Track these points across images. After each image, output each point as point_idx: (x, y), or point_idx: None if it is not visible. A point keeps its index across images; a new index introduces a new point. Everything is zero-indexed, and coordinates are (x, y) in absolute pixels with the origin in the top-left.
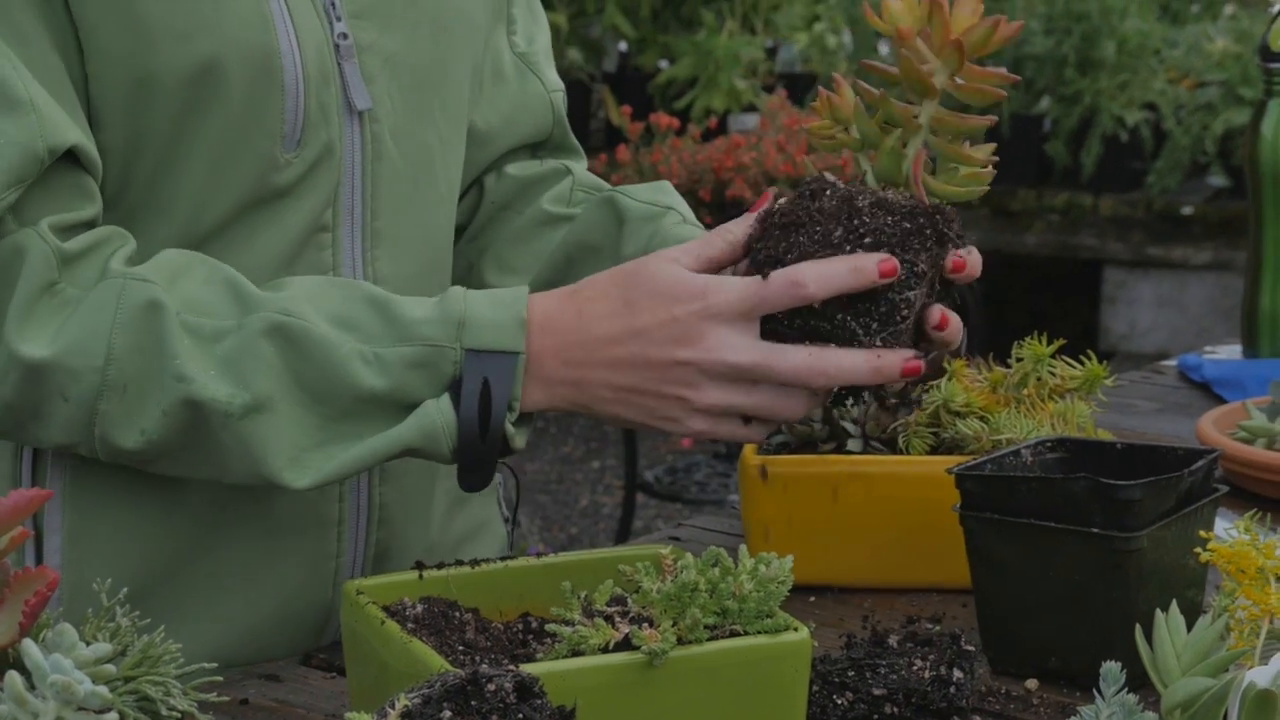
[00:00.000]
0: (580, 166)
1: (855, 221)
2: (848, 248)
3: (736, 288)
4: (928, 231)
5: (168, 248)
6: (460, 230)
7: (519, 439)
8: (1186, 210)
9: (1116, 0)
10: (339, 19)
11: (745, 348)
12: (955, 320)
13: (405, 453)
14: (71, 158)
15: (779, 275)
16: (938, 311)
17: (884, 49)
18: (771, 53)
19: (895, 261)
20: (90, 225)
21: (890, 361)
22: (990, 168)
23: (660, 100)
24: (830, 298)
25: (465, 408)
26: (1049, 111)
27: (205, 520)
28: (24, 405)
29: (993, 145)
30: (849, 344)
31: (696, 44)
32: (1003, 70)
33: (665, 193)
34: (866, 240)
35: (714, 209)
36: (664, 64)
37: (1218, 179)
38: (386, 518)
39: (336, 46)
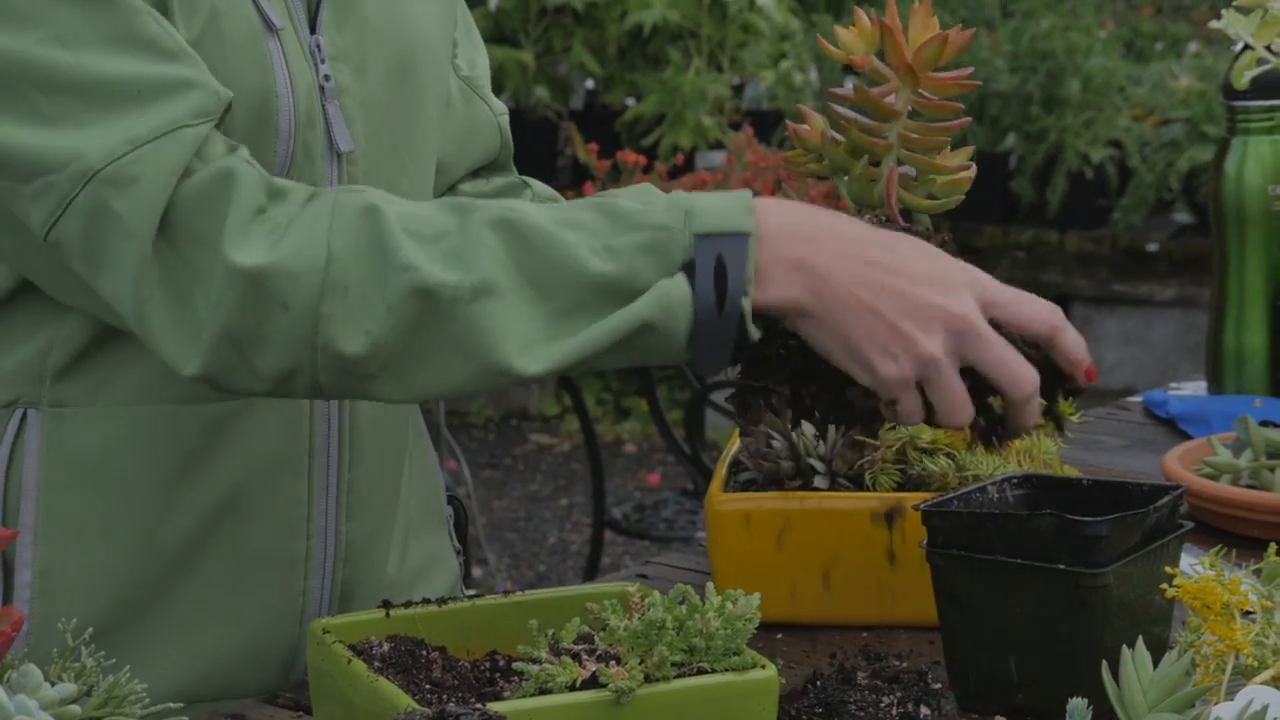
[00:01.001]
0: (532, 180)
1: None
2: None
3: (994, 281)
4: None
5: None
6: None
7: (753, 328)
8: (1152, 247)
9: (1081, 38)
10: (324, 61)
11: (984, 322)
12: None
13: (640, 331)
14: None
15: (1040, 302)
16: None
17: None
18: (738, 90)
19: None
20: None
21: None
22: (970, 169)
23: (627, 137)
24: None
25: (701, 284)
26: (1015, 149)
27: (176, 557)
28: (245, 325)
29: (969, 149)
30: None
31: (663, 81)
32: (958, 74)
33: (651, 196)
34: None
35: None
36: (631, 101)
37: (1182, 216)
38: (352, 555)
39: (322, 88)
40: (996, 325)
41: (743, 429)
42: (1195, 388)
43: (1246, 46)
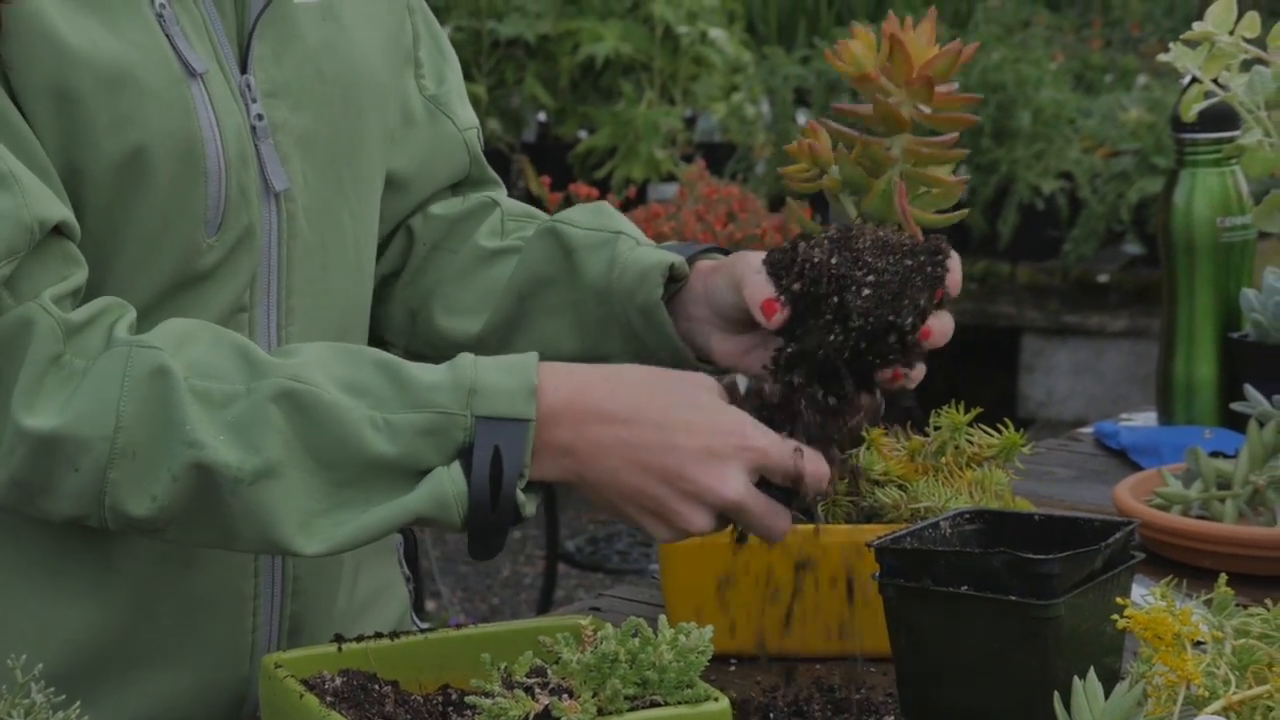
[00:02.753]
0: (503, 195)
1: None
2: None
3: (776, 444)
4: (928, 269)
5: None
6: (395, 275)
7: (529, 506)
8: (1102, 278)
9: (1031, 70)
10: (254, 100)
11: (755, 494)
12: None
13: (416, 521)
14: (56, 228)
15: (814, 461)
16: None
17: (801, 119)
18: (690, 123)
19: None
20: (80, 289)
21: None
22: (965, 177)
23: (580, 170)
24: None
25: (477, 476)
26: (966, 180)
27: (128, 603)
28: (33, 479)
29: (962, 153)
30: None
31: (615, 114)
32: (970, 95)
33: (608, 215)
34: (869, 278)
35: None
36: (583, 134)
37: (1133, 247)
38: (300, 590)
39: (253, 128)
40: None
41: None
42: (1146, 419)
43: (1194, 79)
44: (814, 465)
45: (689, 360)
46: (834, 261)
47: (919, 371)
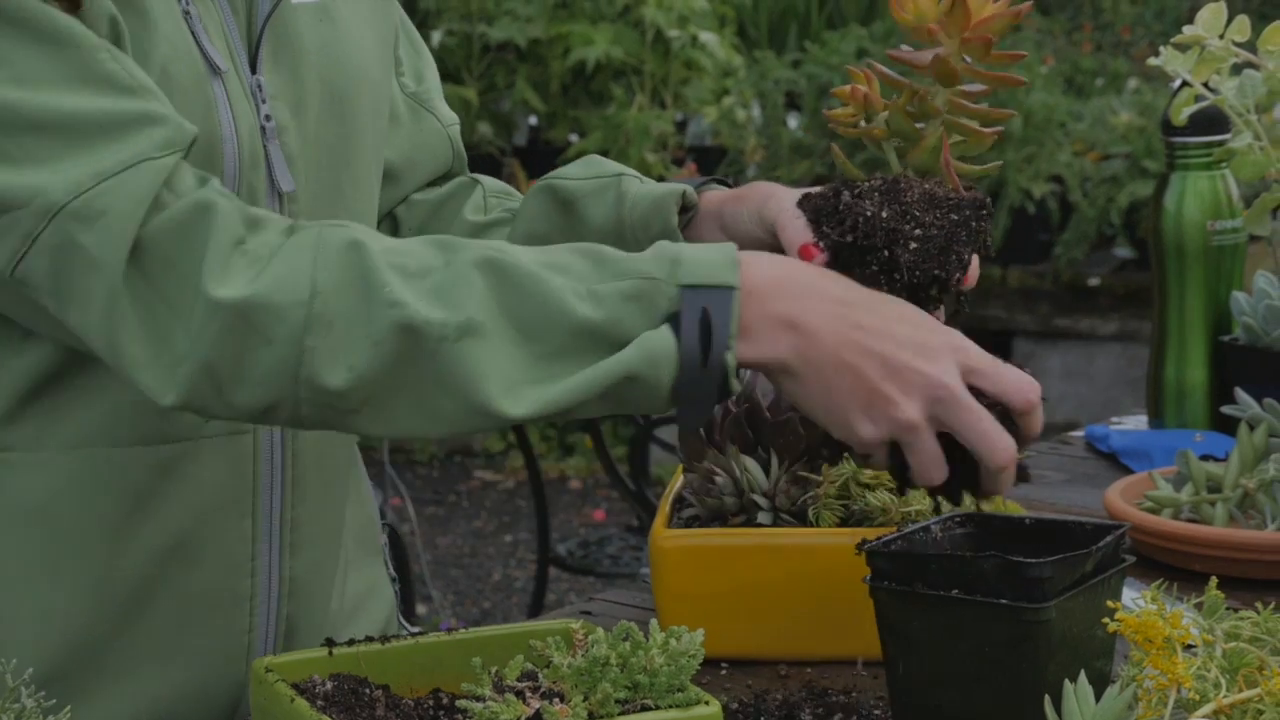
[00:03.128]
0: (484, 179)
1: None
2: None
3: (978, 350)
4: (972, 223)
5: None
6: None
7: (735, 382)
8: (1093, 281)
9: (1022, 74)
10: (264, 101)
11: (964, 392)
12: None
13: (624, 381)
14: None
15: (1014, 371)
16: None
17: (793, 122)
18: (681, 126)
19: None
20: None
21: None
22: (999, 129)
23: None
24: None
25: (686, 337)
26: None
27: (124, 599)
28: (224, 359)
29: (1009, 113)
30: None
31: (606, 118)
32: (1019, 53)
33: (602, 164)
34: (917, 232)
35: None
36: (574, 138)
37: (1123, 250)
38: (296, 590)
39: (263, 129)
40: (977, 392)
41: (686, 465)
42: (1137, 422)
43: (1184, 83)
44: (1018, 378)
45: None
46: (884, 215)
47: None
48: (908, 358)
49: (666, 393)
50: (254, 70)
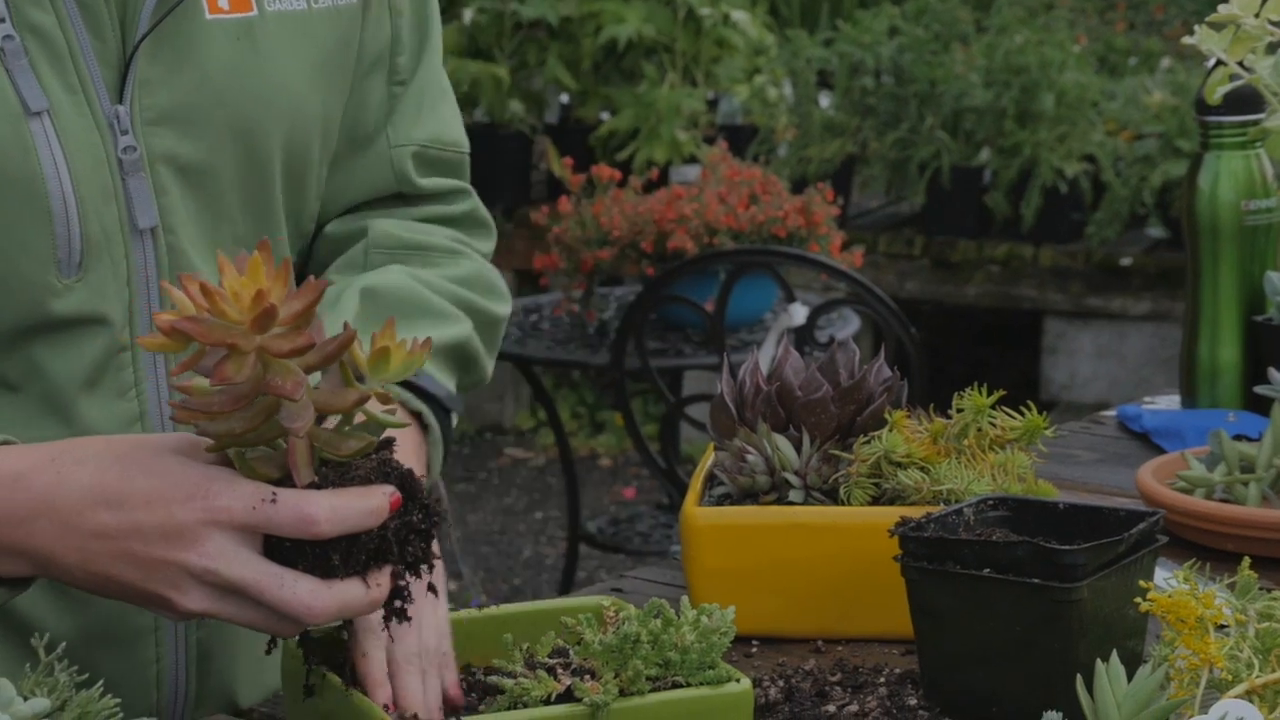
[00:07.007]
0: (388, 223)
1: None
2: None
3: (243, 497)
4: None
5: None
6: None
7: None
8: (1125, 261)
9: (1055, 53)
10: (125, 132)
11: (242, 562)
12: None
13: None
14: None
15: (289, 502)
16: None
17: (825, 101)
18: (713, 105)
19: (399, 495)
20: None
21: (384, 588)
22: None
23: (601, 152)
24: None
25: None
26: (989, 163)
27: (17, 641)
28: None
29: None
30: (355, 574)
31: (638, 96)
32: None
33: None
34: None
35: (656, 260)
36: (605, 116)
37: (1156, 230)
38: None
39: (120, 161)
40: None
41: (717, 443)
42: (1169, 402)
43: (1219, 62)
44: (293, 509)
45: None
46: None
47: None
48: (159, 551)
49: None
50: (121, 98)
